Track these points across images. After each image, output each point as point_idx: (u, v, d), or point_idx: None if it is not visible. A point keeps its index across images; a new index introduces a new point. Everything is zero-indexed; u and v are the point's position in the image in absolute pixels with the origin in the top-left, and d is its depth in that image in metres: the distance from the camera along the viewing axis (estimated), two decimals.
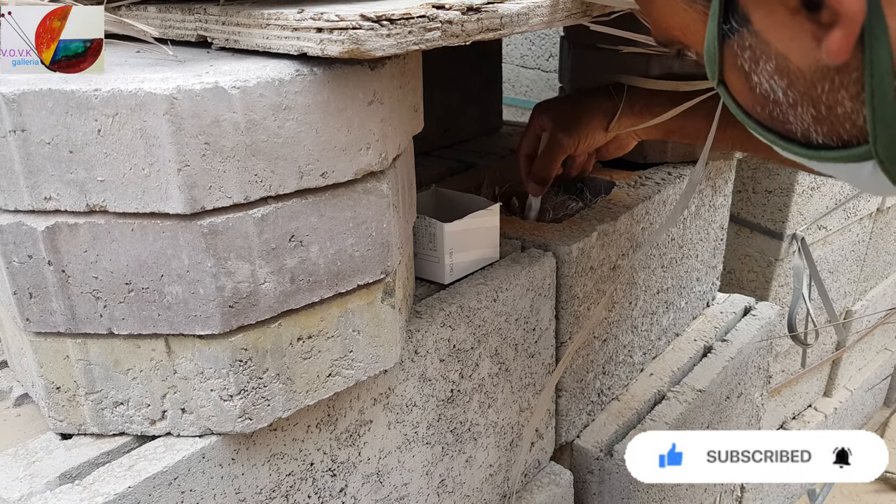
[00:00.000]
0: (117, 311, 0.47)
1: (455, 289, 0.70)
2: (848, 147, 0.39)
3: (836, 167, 0.41)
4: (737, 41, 0.40)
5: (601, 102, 0.80)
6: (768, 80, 0.40)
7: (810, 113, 0.39)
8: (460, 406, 0.71)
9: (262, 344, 0.49)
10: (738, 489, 1.34)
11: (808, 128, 0.40)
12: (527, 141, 0.84)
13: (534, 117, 0.82)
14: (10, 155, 0.44)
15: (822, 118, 0.39)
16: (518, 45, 2.02)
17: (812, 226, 1.47)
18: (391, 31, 0.45)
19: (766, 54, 0.39)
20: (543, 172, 0.82)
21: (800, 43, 0.37)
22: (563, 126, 0.80)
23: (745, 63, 0.40)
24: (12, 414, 0.56)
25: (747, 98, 0.43)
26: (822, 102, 0.38)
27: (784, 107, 0.40)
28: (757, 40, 0.39)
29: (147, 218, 0.45)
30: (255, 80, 0.44)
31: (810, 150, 0.41)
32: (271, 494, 0.55)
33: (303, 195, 0.48)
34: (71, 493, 0.46)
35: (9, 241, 0.45)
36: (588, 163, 0.88)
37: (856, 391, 1.86)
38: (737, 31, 0.40)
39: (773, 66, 0.39)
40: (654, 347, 1.04)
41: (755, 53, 0.40)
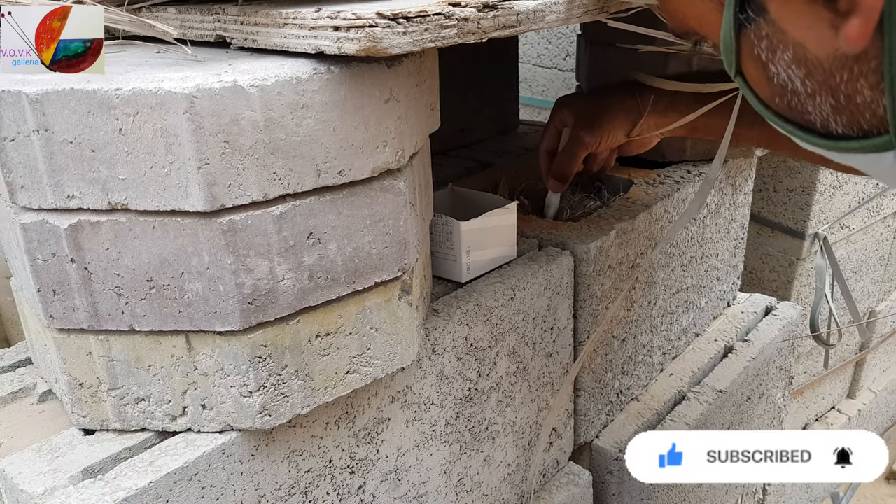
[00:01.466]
0: (139, 308, 0.48)
1: (472, 287, 0.70)
2: (868, 137, 0.39)
3: (856, 158, 0.41)
4: (753, 31, 0.40)
5: (624, 100, 0.79)
6: (786, 69, 0.39)
7: (829, 102, 0.39)
8: (478, 405, 0.71)
9: (280, 341, 0.50)
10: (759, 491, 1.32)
11: (827, 118, 0.40)
12: (548, 137, 0.83)
13: (555, 113, 0.82)
14: (34, 154, 0.44)
15: (841, 108, 0.39)
16: (535, 44, 2.02)
17: (834, 225, 1.45)
18: (407, 28, 0.45)
19: (783, 43, 0.39)
20: (564, 169, 0.81)
21: (817, 31, 0.36)
22: (586, 123, 0.79)
23: (762, 53, 0.40)
24: (36, 410, 0.56)
25: (765, 88, 0.42)
26: (841, 92, 0.38)
27: (802, 97, 0.40)
28: (774, 29, 0.39)
29: (168, 216, 0.45)
30: (274, 79, 0.44)
31: (830, 140, 0.41)
32: (290, 491, 0.55)
33: (320, 193, 0.49)
34: (94, 488, 0.47)
35: (32, 239, 0.46)
36: (609, 159, 0.87)
37: (880, 393, 1.83)
38: (753, 20, 0.39)
39: (790, 56, 0.39)
40: (673, 347, 1.03)
41: (772, 43, 0.39)
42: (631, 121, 0.79)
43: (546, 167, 0.84)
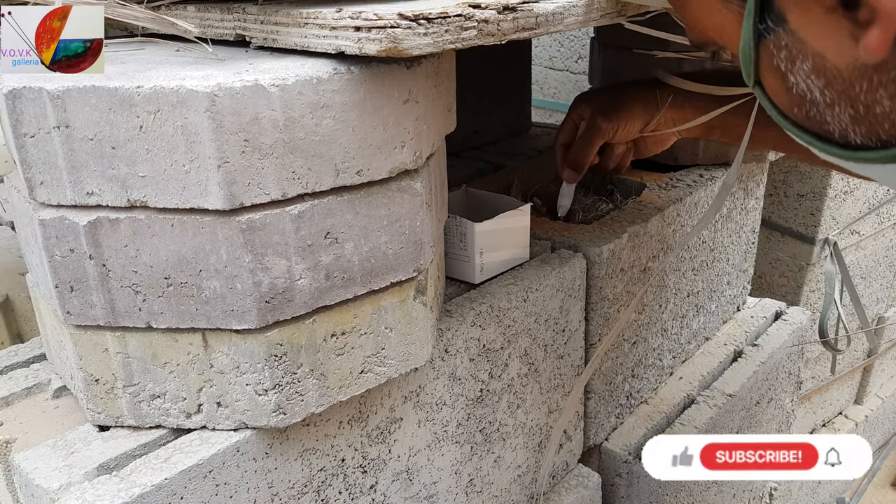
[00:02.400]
0: (156, 306, 0.48)
1: (485, 288, 0.70)
2: (887, 147, 0.38)
3: (875, 168, 0.40)
4: (773, 41, 0.40)
5: (643, 94, 0.79)
6: (805, 79, 0.39)
7: (848, 113, 0.39)
8: (489, 406, 0.71)
9: (296, 339, 0.50)
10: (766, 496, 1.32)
11: (845, 128, 0.40)
12: (565, 130, 0.83)
13: (574, 107, 0.81)
14: (54, 150, 0.45)
15: (860, 118, 0.38)
16: (546, 46, 2.02)
17: (845, 230, 1.45)
18: (428, 30, 0.45)
19: (802, 53, 0.39)
20: (580, 157, 0.80)
21: (837, 41, 0.36)
22: (604, 111, 0.79)
23: (782, 63, 0.40)
24: (51, 406, 0.57)
25: (784, 99, 0.42)
26: (860, 102, 0.38)
27: (821, 107, 0.40)
28: (793, 39, 0.39)
29: (187, 213, 0.46)
30: (294, 79, 0.44)
31: (848, 150, 0.40)
32: (303, 489, 0.55)
33: (339, 192, 0.49)
34: (109, 484, 0.47)
35: (51, 235, 0.46)
36: (626, 157, 0.85)
37: (888, 399, 1.82)
38: (773, 30, 0.39)
39: (809, 66, 0.39)
40: (683, 351, 1.03)
41: (791, 53, 0.39)
42: (648, 114, 0.79)
43: (562, 160, 0.83)
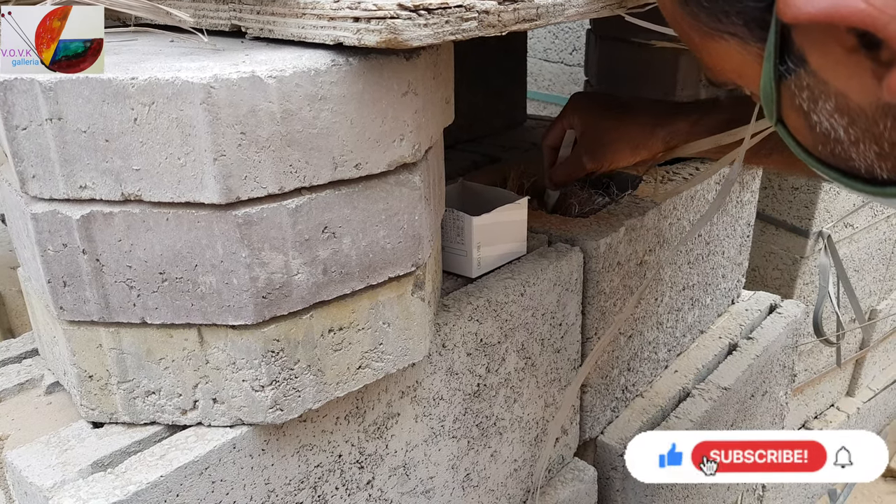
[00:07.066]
0: (151, 301, 0.47)
1: (482, 283, 0.69)
2: None
3: None
4: (794, 81, 0.39)
5: (633, 131, 0.77)
6: (828, 118, 0.39)
7: (873, 150, 0.39)
8: (486, 400, 0.70)
9: (293, 335, 0.49)
10: (759, 488, 1.32)
11: (871, 164, 0.40)
12: (553, 133, 0.83)
13: (566, 111, 0.81)
14: (47, 143, 0.44)
15: (885, 155, 0.38)
16: (541, 38, 2.01)
17: (839, 223, 1.45)
18: (428, 20, 0.44)
19: (824, 93, 0.38)
20: (561, 179, 0.82)
21: (859, 81, 0.36)
22: (589, 148, 0.78)
23: (804, 103, 0.40)
24: (44, 402, 0.56)
25: (807, 137, 0.42)
26: (885, 139, 0.38)
27: (846, 144, 0.40)
28: (815, 80, 0.38)
29: (182, 207, 0.45)
30: (292, 70, 0.44)
31: (875, 186, 0.40)
32: (300, 486, 0.55)
33: (336, 186, 0.48)
34: (104, 482, 0.46)
35: (44, 230, 0.45)
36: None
37: (879, 391, 1.84)
38: (794, 71, 0.39)
39: (832, 105, 0.38)
40: (678, 344, 1.03)
41: (813, 93, 0.39)
42: (636, 155, 0.78)
43: (549, 162, 0.83)
